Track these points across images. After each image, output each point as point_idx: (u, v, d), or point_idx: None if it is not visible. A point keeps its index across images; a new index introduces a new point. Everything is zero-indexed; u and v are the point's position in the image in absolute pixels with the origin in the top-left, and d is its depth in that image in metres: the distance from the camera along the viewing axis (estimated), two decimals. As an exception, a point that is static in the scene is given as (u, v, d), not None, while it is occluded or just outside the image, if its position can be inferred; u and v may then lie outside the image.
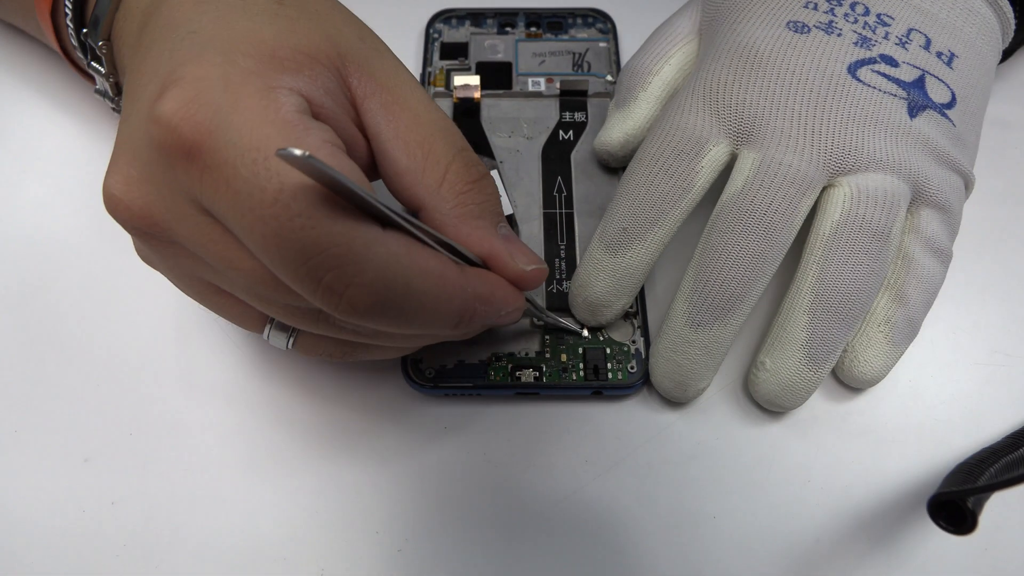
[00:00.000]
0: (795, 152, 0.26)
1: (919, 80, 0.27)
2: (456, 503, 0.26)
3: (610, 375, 0.27)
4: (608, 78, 0.34)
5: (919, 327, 0.27)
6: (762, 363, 0.26)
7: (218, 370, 0.28)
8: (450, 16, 0.36)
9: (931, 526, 0.25)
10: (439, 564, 0.25)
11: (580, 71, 0.35)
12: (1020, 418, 0.28)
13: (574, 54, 0.35)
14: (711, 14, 0.30)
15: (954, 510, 0.23)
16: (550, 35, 0.36)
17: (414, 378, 0.27)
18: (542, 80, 0.34)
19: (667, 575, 0.25)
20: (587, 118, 0.33)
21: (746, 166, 0.26)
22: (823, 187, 0.26)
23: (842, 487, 0.27)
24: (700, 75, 0.28)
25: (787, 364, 0.26)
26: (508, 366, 0.28)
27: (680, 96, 0.28)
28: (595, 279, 0.27)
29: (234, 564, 0.25)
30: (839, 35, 0.27)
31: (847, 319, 0.25)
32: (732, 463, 0.27)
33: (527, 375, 0.27)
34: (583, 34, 0.36)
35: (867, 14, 0.28)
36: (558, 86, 0.34)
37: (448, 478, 0.27)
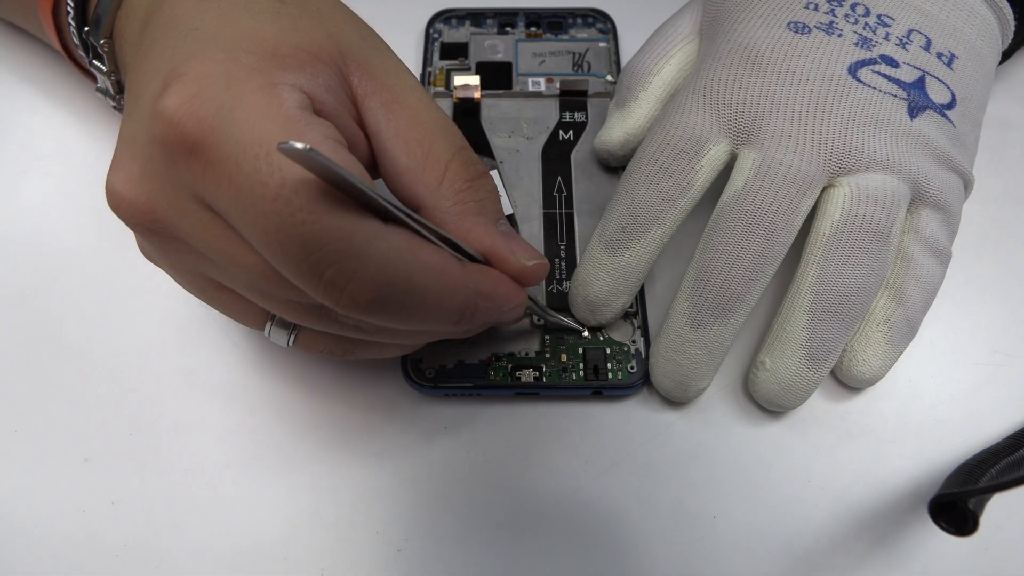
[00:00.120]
0: (795, 152, 0.26)
1: (919, 81, 0.27)
2: (456, 503, 0.26)
3: (610, 375, 0.27)
4: (608, 78, 0.34)
5: (918, 327, 0.27)
6: (762, 363, 0.26)
7: (218, 370, 0.28)
8: (450, 16, 0.36)
9: (931, 526, 0.25)
10: (439, 564, 0.25)
11: (580, 71, 0.35)
12: (1020, 418, 0.28)
13: (574, 54, 0.35)
14: (712, 14, 0.30)
15: (955, 511, 0.23)
16: (550, 35, 0.36)
17: (414, 378, 0.27)
18: (542, 80, 0.34)
19: (667, 575, 0.25)
20: (587, 118, 0.33)
21: (746, 166, 0.26)
22: (823, 187, 0.26)
23: (842, 487, 0.27)
24: (700, 75, 0.28)
25: (787, 364, 0.26)
26: (508, 366, 0.28)
27: (680, 96, 0.28)
28: (595, 278, 0.27)
29: (234, 564, 0.25)
30: (840, 36, 0.27)
31: (847, 319, 0.25)
32: (732, 463, 0.27)
33: (527, 375, 0.27)
34: (583, 34, 0.36)
35: (867, 15, 0.28)
36: (558, 86, 0.34)
37: (448, 478, 0.27)
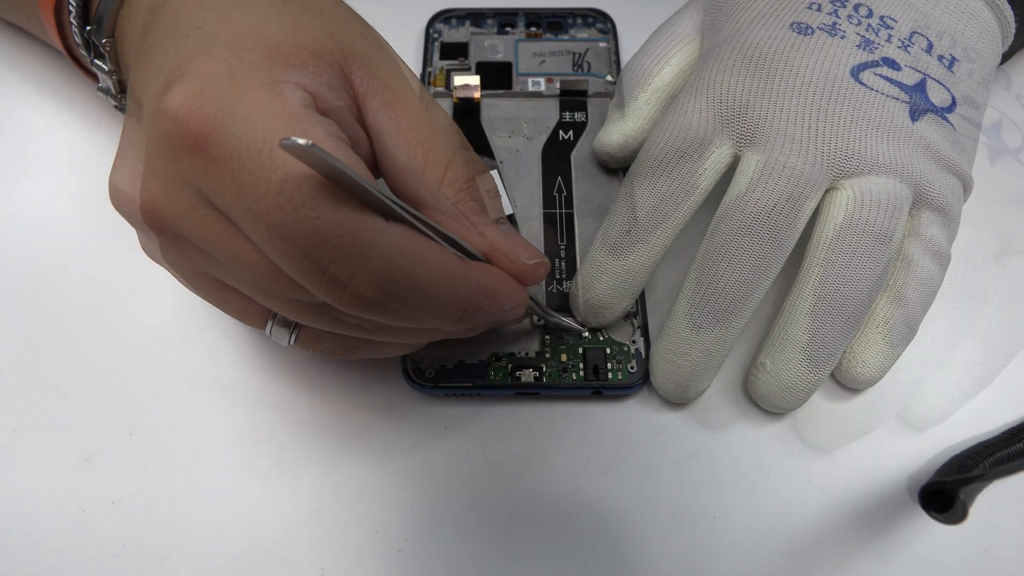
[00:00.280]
0: (798, 154, 0.26)
1: (920, 84, 0.27)
2: (456, 503, 0.26)
3: (610, 375, 0.27)
4: (608, 78, 0.34)
5: (917, 328, 0.27)
6: (762, 364, 0.26)
7: (218, 370, 0.28)
8: (450, 16, 0.36)
9: (931, 526, 0.25)
10: (439, 564, 0.25)
11: (580, 71, 0.35)
12: (1019, 418, 0.28)
13: (574, 54, 0.35)
14: (713, 14, 0.30)
15: (946, 500, 0.23)
16: (550, 35, 0.36)
17: (414, 378, 0.27)
18: (542, 80, 0.34)
19: (667, 575, 0.25)
20: (587, 118, 0.33)
21: (749, 168, 0.26)
22: (825, 190, 0.26)
23: (842, 487, 0.27)
24: (702, 76, 0.28)
25: (787, 366, 0.26)
26: (508, 366, 0.28)
27: (682, 97, 0.28)
28: (597, 281, 0.27)
29: (234, 564, 0.25)
30: (842, 37, 0.27)
31: (848, 322, 0.25)
32: (732, 463, 0.27)
33: (527, 375, 0.27)
34: (583, 34, 0.36)
35: (870, 16, 0.28)
36: (558, 86, 0.34)
37: (448, 478, 0.27)
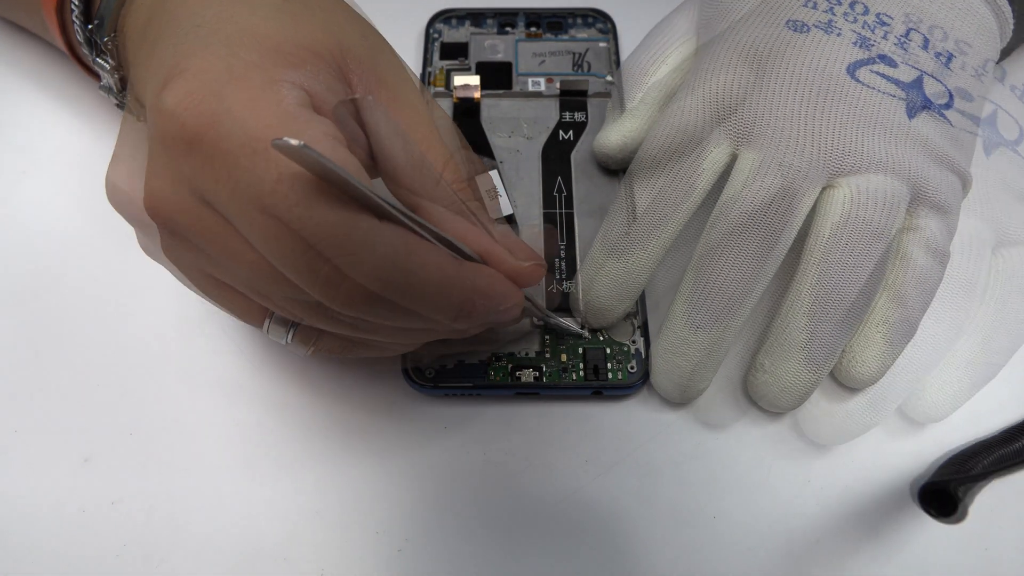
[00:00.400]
0: (794, 152, 0.26)
1: (917, 80, 0.27)
2: (456, 503, 0.26)
3: (610, 375, 0.27)
4: (608, 78, 0.34)
5: (916, 327, 0.27)
6: (761, 364, 0.26)
7: (218, 370, 0.28)
8: (450, 16, 0.36)
9: (931, 526, 0.25)
10: (439, 564, 0.25)
11: (580, 71, 0.35)
12: (1019, 418, 0.28)
13: (574, 54, 0.35)
14: (708, 13, 0.30)
15: (946, 500, 0.23)
16: (550, 35, 0.36)
17: (414, 378, 0.27)
18: (542, 80, 0.34)
19: (667, 575, 0.25)
20: (587, 118, 0.33)
21: (745, 167, 0.26)
22: (822, 188, 0.26)
23: (842, 487, 0.27)
24: (699, 75, 0.28)
25: (786, 366, 0.26)
26: (508, 366, 0.28)
27: (679, 97, 0.28)
28: (597, 282, 0.27)
29: (234, 564, 0.25)
30: (838, 35, 0.27)
31: (846, 320, 0.25)
32: (732, 463, 0.27)
33: (527, 375, 0.27)
34: (583, 34, 0.36)
35: (866, 13, 0.28)
36: (558, 86, 0.34)
37: (448, 478, 0.27)
